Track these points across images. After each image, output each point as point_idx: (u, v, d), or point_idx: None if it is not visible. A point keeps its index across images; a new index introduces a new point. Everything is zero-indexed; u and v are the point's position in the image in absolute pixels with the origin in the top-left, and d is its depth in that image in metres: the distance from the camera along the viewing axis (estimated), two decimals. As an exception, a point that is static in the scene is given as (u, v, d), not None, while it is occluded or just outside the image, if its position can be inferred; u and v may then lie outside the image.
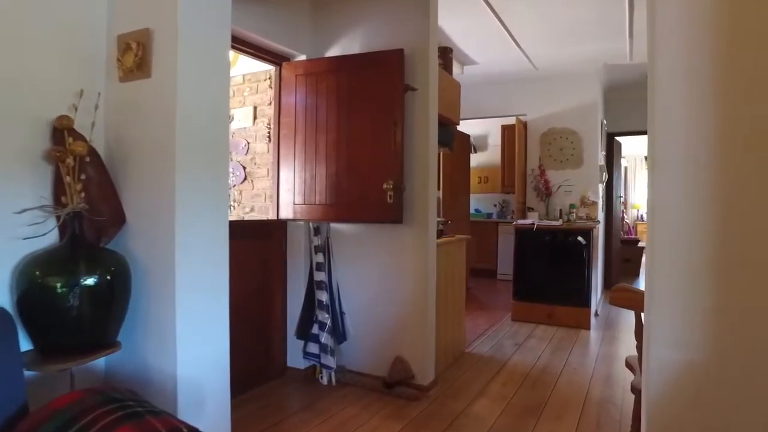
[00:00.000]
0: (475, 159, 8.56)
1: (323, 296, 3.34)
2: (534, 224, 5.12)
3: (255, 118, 3.91)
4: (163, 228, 1.86)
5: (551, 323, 5.00)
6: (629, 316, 5.46)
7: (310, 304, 3.41)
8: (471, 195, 8.33)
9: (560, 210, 5.59)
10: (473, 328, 4.85)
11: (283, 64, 3.50)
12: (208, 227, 1.99)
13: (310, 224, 3.44)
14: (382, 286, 3.34)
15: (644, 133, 5.11)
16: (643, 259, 9.17)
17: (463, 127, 7.11)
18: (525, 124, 5.92)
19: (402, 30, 3.19)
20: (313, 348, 3.36)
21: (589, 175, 5.64)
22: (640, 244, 8.90)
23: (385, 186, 3.05)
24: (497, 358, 4.00)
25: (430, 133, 3.19)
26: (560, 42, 4.69)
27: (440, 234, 3.66)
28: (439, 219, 3.81)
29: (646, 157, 11.62)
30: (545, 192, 5.75)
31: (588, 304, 4.93)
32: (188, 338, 1.88)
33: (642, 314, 1.58)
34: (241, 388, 3.07)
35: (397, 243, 3.26)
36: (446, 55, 4.06)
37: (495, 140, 8.34)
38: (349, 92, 3.24)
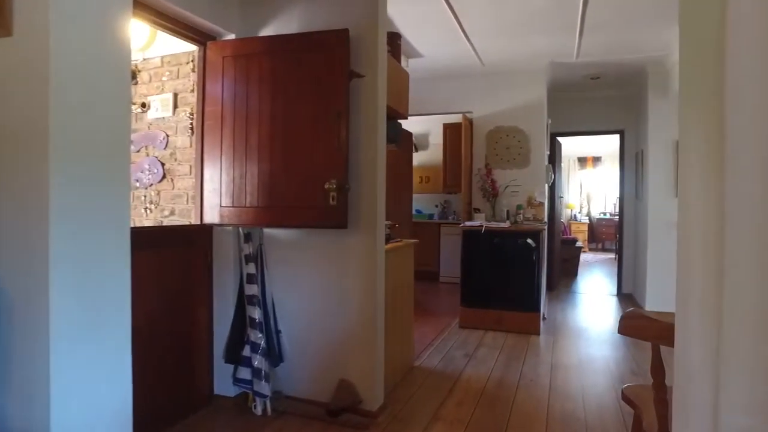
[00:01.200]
0: (416, 158, 8.31)
1: (256, 313, 2.89)
2: (482, 226, 4.91)
3: (175, 107, 3.38)
4: (32, 245, 1.37)
5: (500, 329, 4.81)
6: (575, 318, 5.42)
7: (240, 322, 2.95)
8: (414, 195, 8.07)
9: (507, 211, 5.42)
10: (420, 338, 4.56)
11: (208, 43, 3.00)
12: (101, 240, 1.51)
13: (240, 230, 2.97)
14: (325, 300, 2.94)
15: (585, 133, 4.97)
16: (582, 258, 9.39)
17: (405, 124, 6.83)
18: (471, 122, 5.71)
19: (347, 8, 2.81)
20: (245, 373, 2.90)
21: (536, 175, 5.52)
22: (577, 244, 9.04)
23: (327, 186, 2.66)
24: (449, 372, 3.71)
25: (379, 125, 2.83)
26: (510, 35, 4.50)
27: (387, 239, 3.32)
28: (387, 222, 3.48)
29: (580, 158, 11.85)
30: (492, 192, 5.57)
31: (537, 309, 4.77)
32: (69, 391, 1.40)
33: (661, 347, 1.29)
34: (156, 425, 2.57)
35: (342, 251, 2.87)
36: (395, 41, 3.72)
37: (436, 139, 8.13)
38: (285, 78, 2.81)
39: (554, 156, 6.87)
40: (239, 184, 2.88)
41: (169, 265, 2.79)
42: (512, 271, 4.82)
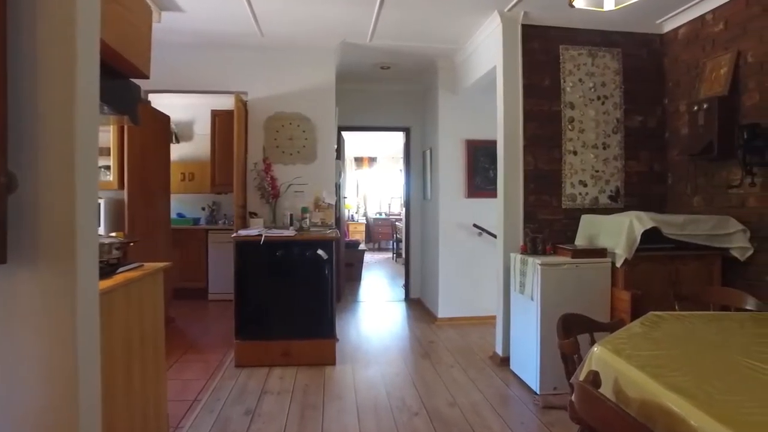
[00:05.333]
0: (177, 151, 6.78)
1: None
2: (261, 236, 3.87)
3: None
4: None
5: (289, 363, 3.85)
6: (370, 336, 4.74)
7: None
8: (171, 195, 6.58)
9: (291, 215, 4.50)
10: (182, 390, 3.30)
11: None
12: None
13: None
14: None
15: (370, 129, 3.94)
16: (365, 260, 9.09)
17: (162, 105, 5.32)
18: (245, 105, 4.61)
19: None
20: None
21: (324, 171, 4.74)
22: (360, 247, 8.70)
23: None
24: (222, 450, 2.60)
25: (79, 75, 1.56)
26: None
27: (113, 268, 2.04)
28: (112, 240, 2.17)
29: (356, 158, 11.71)
30: (272, 193, 4.58)
31: (332, 334, 3.97)
32: None
33: None
34: None
35: None
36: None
37: (203, 128, 6.73)
38: None
39: (341, 151, 6.25)
40: None
41: None
42: (300, 290, 3.93)
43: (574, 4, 2.05)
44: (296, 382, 3.54)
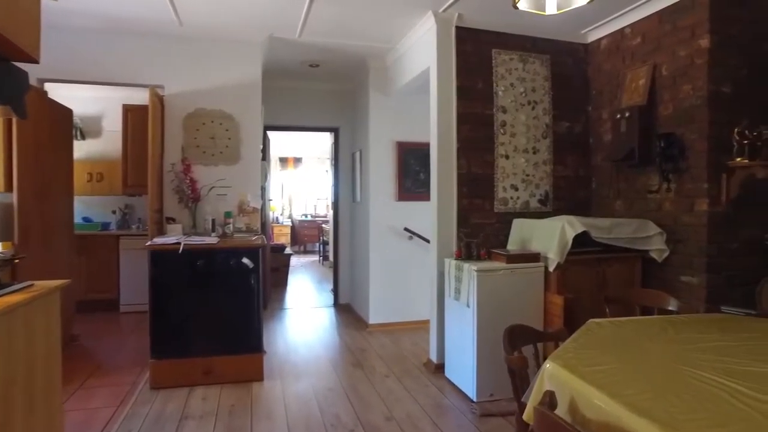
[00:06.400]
0: (83, 148, 6.14)
1: None
2: (180, 244, 3.53)
3: None
4: None
5: (212, 382, 3.54)
6: (299, 347, 4.45)
7: None
8: (76, 198, 5.97)
9: (213, 220, 4.17)
10: (85, 423, 2.91)
11: None
12: None
13: None
14: None
15: (297, 129, 3.30)
16: (291, 264, 8.76)
17: (63, 97, 4.76)
18: (162, 100, 4.21)
19: None
20: None
21: (249, 173, 4.44)
22: (287, 251, 8.39)
23: None
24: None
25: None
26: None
27: (-5, 291, 1.70)
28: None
29: (281, 158, 11.36)
30: (191, 196, 4.21)
31: (259, 348, 3.71)
32: None
33: None
34: None
35: None
36: None
37: (113, 125, 6.13)
38: None
39: (266, 152, 5.95)
40: None
41: None
42: (224, 302, 3.62)
43: (518, 5, 1.99)
44: (221, 403, 3.25)
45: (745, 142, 3.04)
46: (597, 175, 4.19)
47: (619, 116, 3.68)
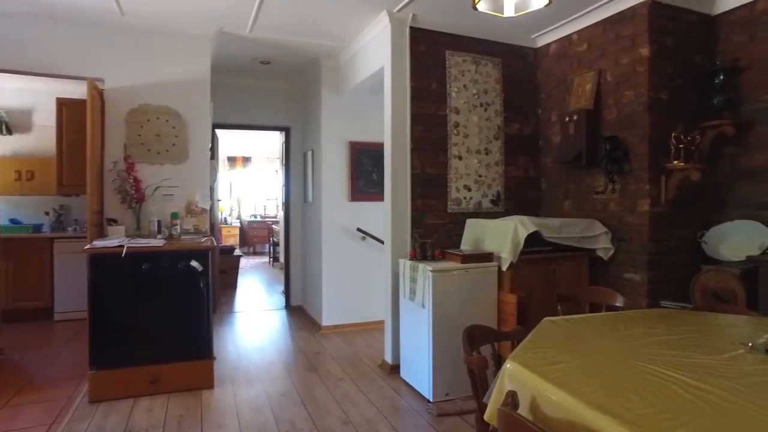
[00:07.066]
0: (9, 144, 5.71)
1: None
2: (122, 247, 3.33)
3: None
4: None
5: (158, 392, 3.37)
6: (250, 352, 4.25)
7: None
8: (2, 198, 5.60)
9: (158, 222, 3.97)
10: (15, 443, 2.69)
11: None
12: None
13: None
14: None
15: (247, 127, 3.07)
16: (241, 265, 8.50)
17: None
18: (102, 94, 3.96)
19: None
20: None
21: (197, 172, 4.26)
22: (236, 253, 8.15)
23: None
24: None
25: None
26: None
27: None
28: None
29: (230, 158, 11.06)
30: (135, 196, 3.99)
31: (209, 354, 3.56)
32: None
33: None
34: None
35: None
36: None
37: (45, 119, 5.74)
38: None
39: (215, 151, 5.75)
40: None
41: None
42: (171, 307, 3.46)
43: (477, 6, 2.01)
44: (168, 414, 3.09)
45: (681, 146, 3.22)
46: (547, 176, 4.31)
47: (567, 119, 3.81)
